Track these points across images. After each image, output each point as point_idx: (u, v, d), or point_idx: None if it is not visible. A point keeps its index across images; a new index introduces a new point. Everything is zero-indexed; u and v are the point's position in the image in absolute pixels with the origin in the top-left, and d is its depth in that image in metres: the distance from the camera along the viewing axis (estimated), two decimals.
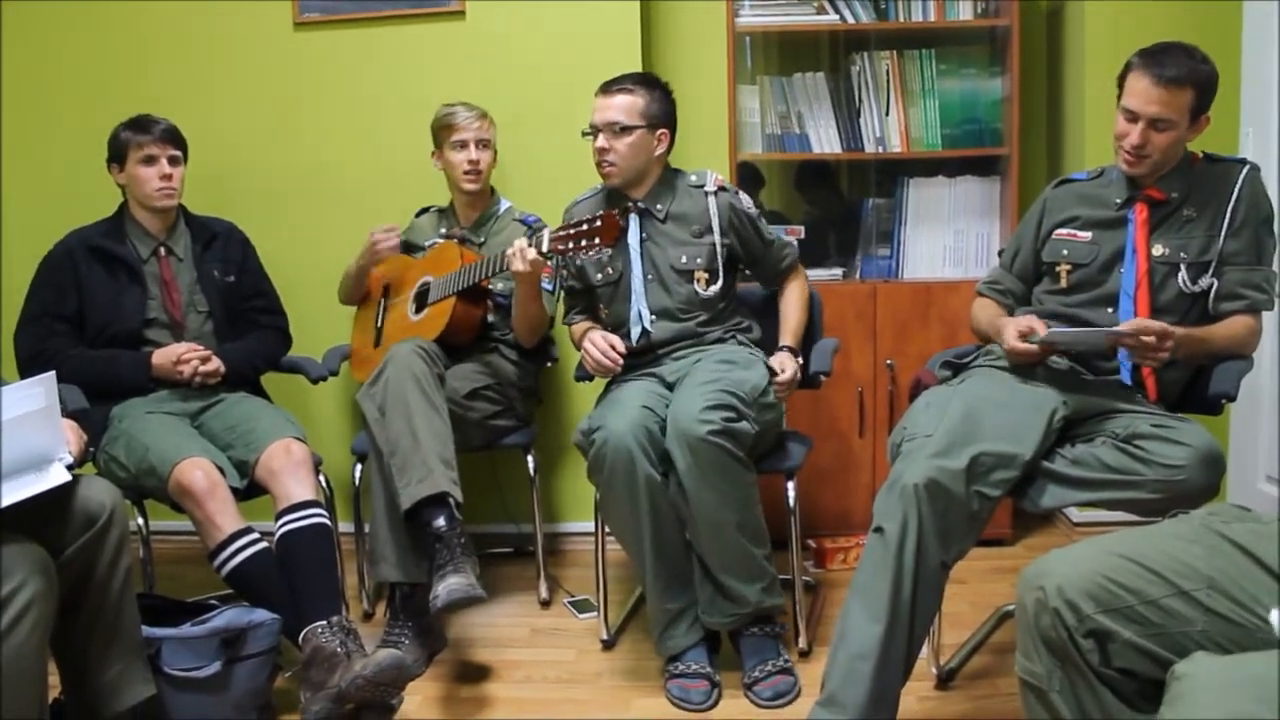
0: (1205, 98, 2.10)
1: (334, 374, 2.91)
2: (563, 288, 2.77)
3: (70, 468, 1.86)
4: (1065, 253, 2.27)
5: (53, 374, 1.85)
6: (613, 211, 2.34)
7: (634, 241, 2.56)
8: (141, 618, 2.02)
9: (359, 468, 2.78)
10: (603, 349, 2.46)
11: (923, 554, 1.88)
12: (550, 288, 2.75)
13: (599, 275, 2.61)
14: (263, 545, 2.30)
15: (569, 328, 2.74)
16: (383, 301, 2.96)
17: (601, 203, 2.60)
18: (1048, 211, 2.34)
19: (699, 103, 3.09)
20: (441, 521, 2.34)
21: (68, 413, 2.01)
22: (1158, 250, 2.18)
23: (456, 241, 2.87)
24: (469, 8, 3.14)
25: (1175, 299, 2.17)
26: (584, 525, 3.13)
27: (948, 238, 3.13)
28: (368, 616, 2.80)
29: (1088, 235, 2.25)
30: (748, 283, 2.76)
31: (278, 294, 2.89)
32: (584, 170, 2.66)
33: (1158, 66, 2.06)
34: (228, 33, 3.20)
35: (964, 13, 3.02)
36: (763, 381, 2.40)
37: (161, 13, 3.19)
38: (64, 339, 2.59)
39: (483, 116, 2.89)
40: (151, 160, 2.63)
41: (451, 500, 2.37)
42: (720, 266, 2.55)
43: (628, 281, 2.57)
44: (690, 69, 3.22)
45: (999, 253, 2.61)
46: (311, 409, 3.21)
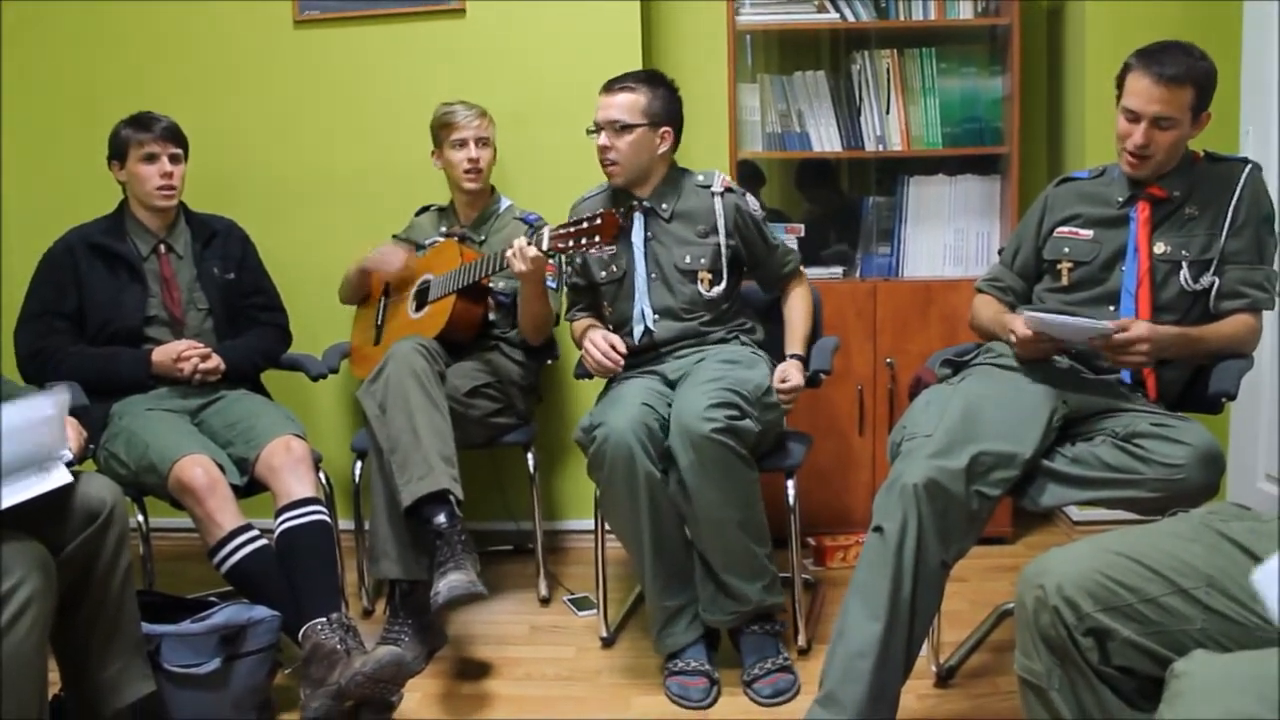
0: (1205, 95, 2.10)
1: (334, 371, 2.92)
2: (567, 284, 2.76)
3: (70, 465, 1.86)
4: (1067, 250, 2.27)
5: (67, 394, 1.88)
6: (612, 210, 2.34)
7: (638, 240, 2.56)
8: (141, 614, 2.02)
9: (359, 465, 2.78)
10: (603, 349, 2.45)
11: (922, 553, 1.88)
12: (554, 285, 2.75)
13: (603, 273, 2.61)
14: (262, 542, 2.30)
15: (570, 324, 2.74)
16: (383, 299, 2.96)
17: (607, 200, 2.60)
18: (1049, 209, 2.34)
19: (699, 101, 3.07)
20: (442, 519, 2.34)
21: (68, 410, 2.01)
22: (1159, 248, 2.18)
23: (456, 240, 2.87)
24: (469, 6, 3.13)
25: (1176, 297, 2.17)
26: (584, 523, 3.13)
27: (948, 236, 3.13)
28: (367, 614, 2.80)
29: (1089, 233, 2.25)
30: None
31: (277, 291, 2.88)
32: (584, 168, 2.66)
33: (1157, 65, 2.06)
34: (228, 31, 3.19)
35: (964, 11, 3.02)
36: (765, 381, 2.40)
37: (162, 11, 3.19)
38: (64, 336, 2.59)
39: (482, 115, 2.88)
40: (152, 158, 2.63)
41: (452, 497, 2.37)
42: (724, 267, 2.54)
43: (631, 280, 2.57)
44: (691, 67, 3.21)
45: (999, 251, 2.61)
46: (311, 406, 3.21)
